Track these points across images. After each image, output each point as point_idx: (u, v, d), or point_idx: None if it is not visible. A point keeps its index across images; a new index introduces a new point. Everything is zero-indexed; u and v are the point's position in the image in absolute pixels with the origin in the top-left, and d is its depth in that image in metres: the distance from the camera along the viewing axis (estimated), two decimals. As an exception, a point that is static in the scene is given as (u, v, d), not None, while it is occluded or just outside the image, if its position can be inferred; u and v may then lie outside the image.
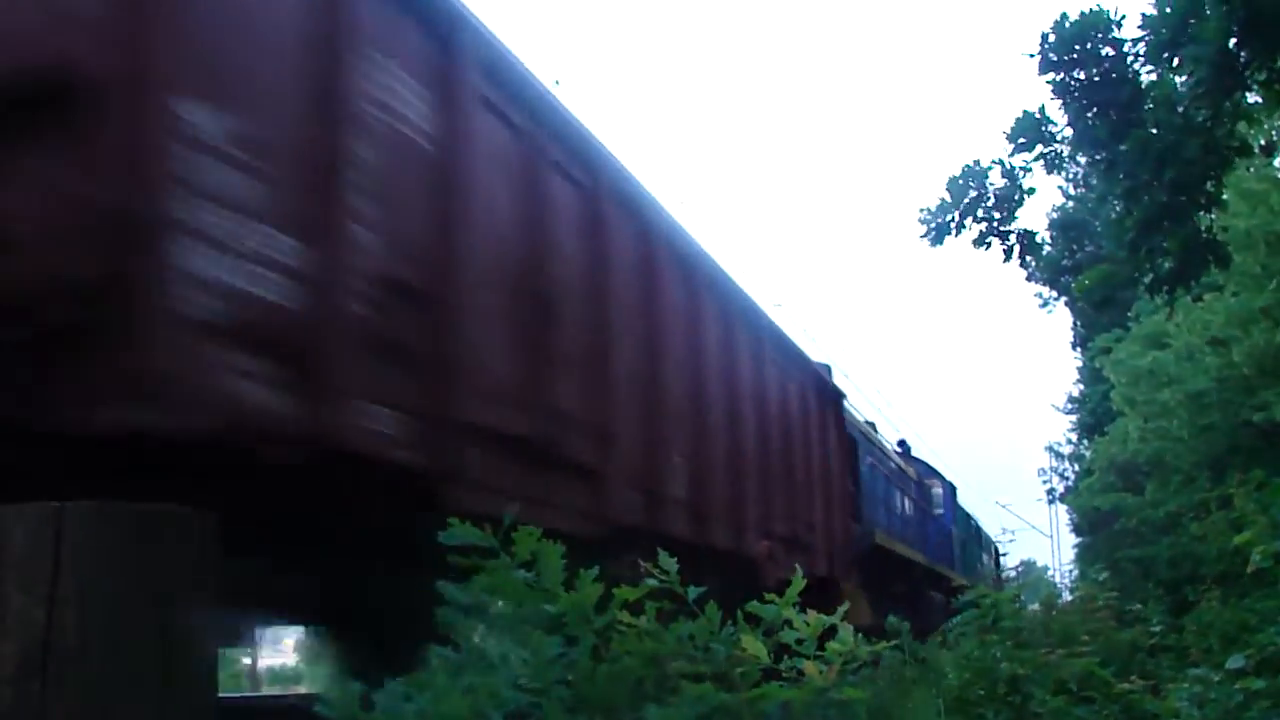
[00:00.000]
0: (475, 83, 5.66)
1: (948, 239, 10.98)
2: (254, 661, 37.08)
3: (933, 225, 10.85)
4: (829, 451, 13.81)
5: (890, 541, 19.23)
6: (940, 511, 28.27)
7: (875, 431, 20.85)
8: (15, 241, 3.35)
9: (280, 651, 48.37)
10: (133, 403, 3.33)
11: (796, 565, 3.61)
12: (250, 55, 4.04)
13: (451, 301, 5.22)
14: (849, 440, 16.23)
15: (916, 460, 27.05)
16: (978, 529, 40.52)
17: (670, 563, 3.18)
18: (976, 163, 10.72)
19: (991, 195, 10.64)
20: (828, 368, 15.77)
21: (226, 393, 3.77)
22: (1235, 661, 7.19)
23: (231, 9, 3.99)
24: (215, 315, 3.73)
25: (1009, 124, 10.43)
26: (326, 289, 4.33)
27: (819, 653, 3.30)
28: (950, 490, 30.90)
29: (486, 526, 2.98)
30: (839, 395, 15.38)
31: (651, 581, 3.18)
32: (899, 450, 24.53)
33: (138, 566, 1.85)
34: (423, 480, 4.91)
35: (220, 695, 3.86)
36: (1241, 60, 9.36)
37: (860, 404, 16.94)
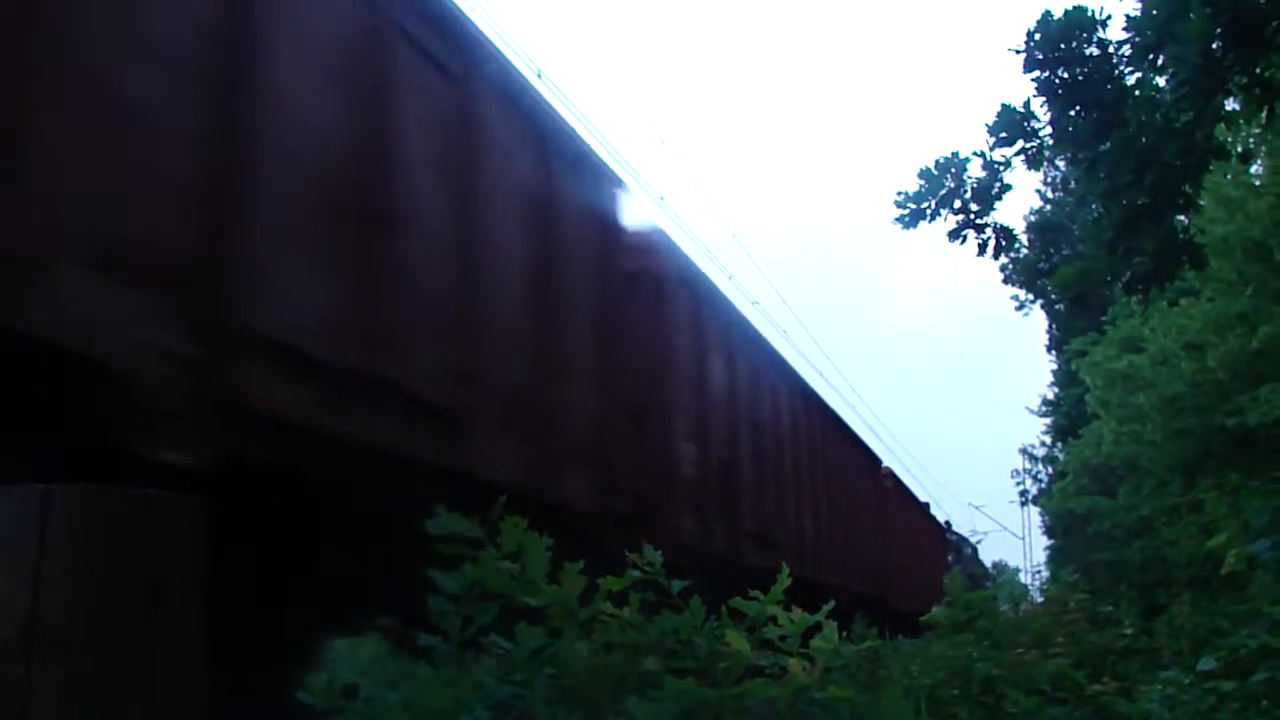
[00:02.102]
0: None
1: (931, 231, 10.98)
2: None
3: (908, 210, 10.79)
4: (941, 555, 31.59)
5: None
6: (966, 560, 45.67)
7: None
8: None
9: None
10: None
11: (784, 564, 3.61)
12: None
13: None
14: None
15: (954, 532, 43.77)
16: (985, 570, 58.37)
17: (655, 555, 3.16)
18: (955, 154, 10.69)
19: (969, 187, 10.60)
20: (928, 504, 32.08)
21: None
22: (1206, 664, 7.25)
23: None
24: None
25: (977, 103, 10.44)
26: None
27: (802, 649, 3.29)
28: (974, 549, 51.11)
29: (475, 517, 2.93)
30: (944, 524, 34.25)
31: (635, 573, 3.15)
32: (947, 526, 39.16)
33: (125, 550, 1.82)
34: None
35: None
36: (1223, 64, 9.40)
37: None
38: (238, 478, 4.05)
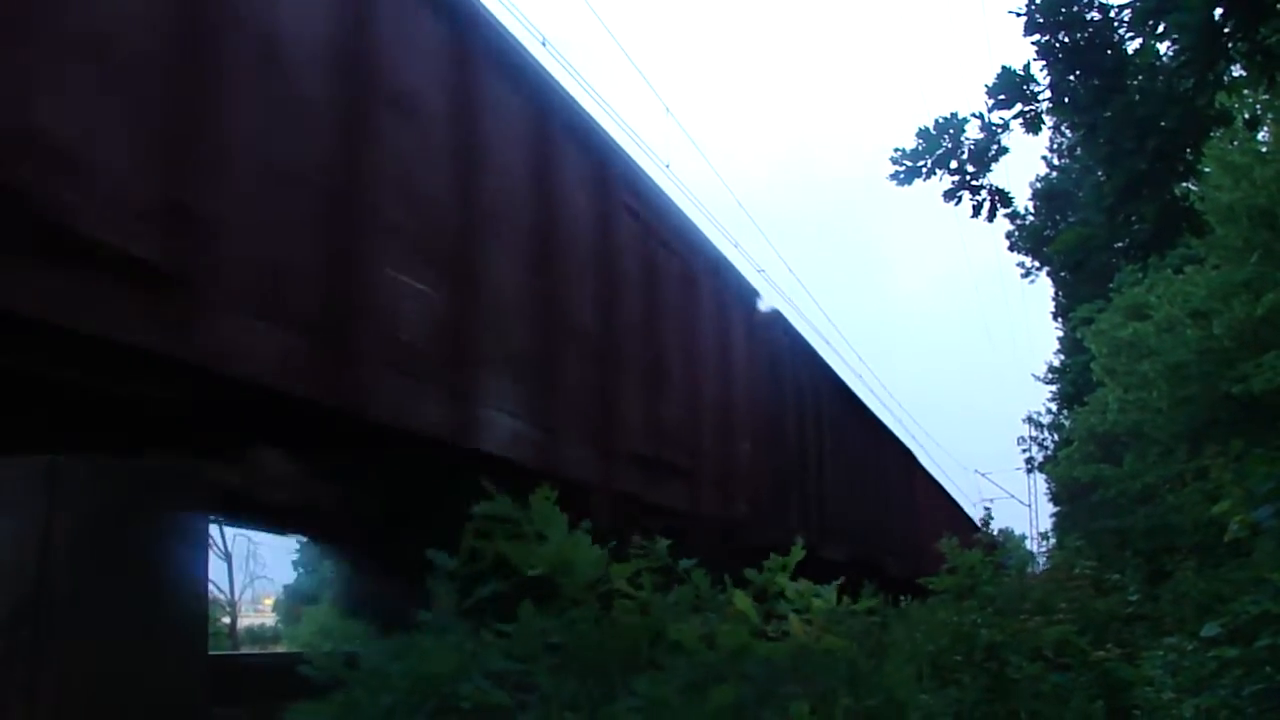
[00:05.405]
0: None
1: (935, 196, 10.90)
2: (234, 621, 37.09)
3: (904, 167, 10.75)
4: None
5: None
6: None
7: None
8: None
9: (259, 611, 48.70)
10: None
11: (798, 538, 3.65)
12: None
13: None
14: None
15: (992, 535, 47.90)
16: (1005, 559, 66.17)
17: (662, 543, 3.21)
18: (954, 114, 10.66)
19: (966, 148, 10.55)
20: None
21: None
22: (1209, 630, 7.27)
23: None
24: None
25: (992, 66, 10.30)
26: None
27: (804, 610, 3.33)
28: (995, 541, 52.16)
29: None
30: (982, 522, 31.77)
31: (642, 561, 3.19)
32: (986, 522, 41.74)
33: (130, 520, 1.85)
34: None
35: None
36: (1224, 31, 9.35)
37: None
38: None
